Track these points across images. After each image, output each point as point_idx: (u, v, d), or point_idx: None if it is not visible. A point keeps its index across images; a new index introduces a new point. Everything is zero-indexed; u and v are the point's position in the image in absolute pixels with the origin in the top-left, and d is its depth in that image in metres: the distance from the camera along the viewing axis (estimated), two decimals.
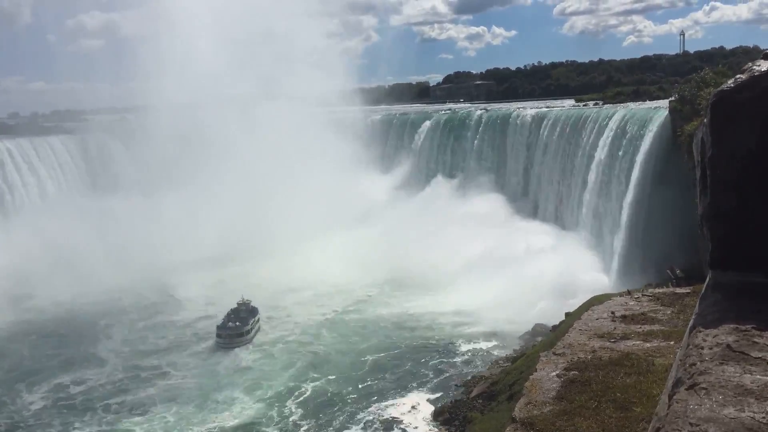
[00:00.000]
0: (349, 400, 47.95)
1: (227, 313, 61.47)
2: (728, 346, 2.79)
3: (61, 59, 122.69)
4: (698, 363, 2.69)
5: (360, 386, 50.28)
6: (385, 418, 44.99)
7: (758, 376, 2.56)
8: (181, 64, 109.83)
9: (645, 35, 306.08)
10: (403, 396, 48.11)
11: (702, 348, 2.82)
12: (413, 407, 45.99)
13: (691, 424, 2.33)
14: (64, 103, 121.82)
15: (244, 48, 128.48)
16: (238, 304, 62.56)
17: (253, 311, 62.46)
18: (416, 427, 43.21)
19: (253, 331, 60.63)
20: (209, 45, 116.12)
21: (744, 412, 2.37)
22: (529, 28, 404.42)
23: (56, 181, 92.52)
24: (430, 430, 42.65)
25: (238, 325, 59.64)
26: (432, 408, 45.25)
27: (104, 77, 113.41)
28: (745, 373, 2.58)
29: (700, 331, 3.00)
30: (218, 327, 59.87)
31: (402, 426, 43.74)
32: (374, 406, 46.92)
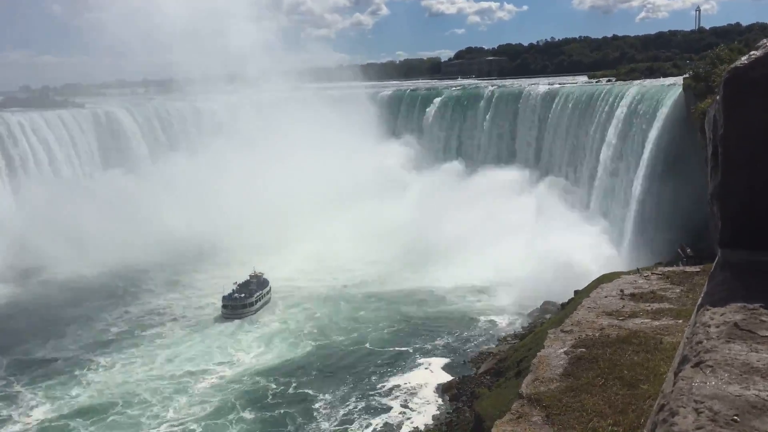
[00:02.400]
0: (355, 374, 48.38)
1: (238, 285, 62.09)
2: (735, 324, 2.79)
3: (69, 32, 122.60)
4: (705, 341, 2.70)
5: (367, 360, 50.72)
6: (392, 392, 45.39)
7: (765, 355, 2.56)
8: (191, 37, 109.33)
9: (660, 10, 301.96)
10: (411, 371, 48.48)
11: (709, 326, 2.82)
12: (421, 382, 46.35)
13: (695, 401, 2.34)
14: (74, 76, 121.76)
15: (257, 23, 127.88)
16: (249, 276, 63.24)
17: (263, 284, 63.09)
18: (424, 402, 43.60)
19: (259, 303, 61.21)
20: (219, 18, 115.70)
21: (749, 390, 2.37)
22: (541, 3, 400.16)
23: (67, 155, 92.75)
24: (437, 404, 43.04)
25: (243, 296, 60.36)
26: (440, 383, 45.59)
27: (112, 51, 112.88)
28: (751, 351, 2.59)
29: (707, 309, 2.99)
30: (223, 297, 60.64)
31: (410, 401, 44.13)
32: (382, 380, 47.33)
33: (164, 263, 73.63)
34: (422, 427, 40.43)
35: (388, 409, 43.41)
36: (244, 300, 60.01)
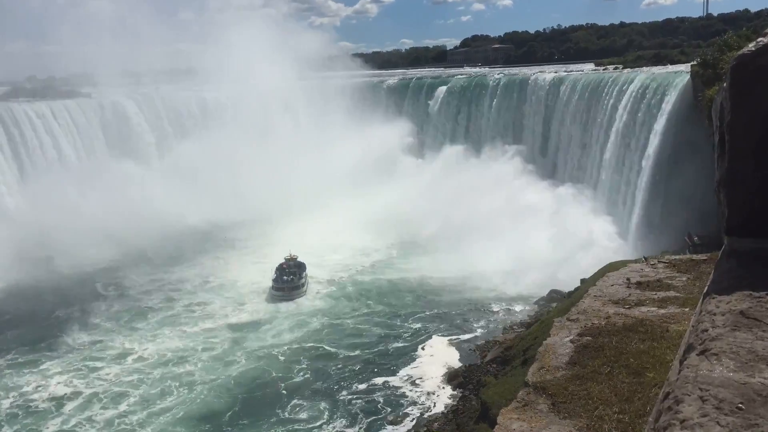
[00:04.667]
0: (362, 362, 48.56)
1: (278, 269, 63.22)
2: (741, 312, 2.79)
3: (72, 22, 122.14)
4: (710, 329, 2.70)
5: (374, 348, 50.90)
6: (398, 380, 45.56)
7: None
8: (188, 26, 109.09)
9: None
10: (416, 358, 48.65)
11: (714, 314, 2.82)
12: (426, 370, 46.50)
13: (700, 389, 2.35)
14: (79, 66, 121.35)
15: (259, 10, 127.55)
16: (285, 259, 64.38)
17: (301, 266, 64.32)
18: (430, 390, 43.75)
19: (306, 284, 62.71)
20: (222, 7, 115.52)
21: (755, 377, 2.37)
22: None
23: (73, 145, 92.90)
24: (444, 393, 43.18)
25: (293, 279, 61.96)
26: (446, 371, 45.73)
27: (115, 41, 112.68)
28: (757, 339, 2.58)
29: (713, 298, 2.99)
30: (274, 281, 62.12)
31: (415, 389, 44.29)
32: (387, 367, 47.51)
33: (172, 251, 74.18)
34: (428, 415, 40.61)
35: (394, 397, 43.58)
36: (295, 282, 61.84)
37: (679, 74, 63.27)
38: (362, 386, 45.15)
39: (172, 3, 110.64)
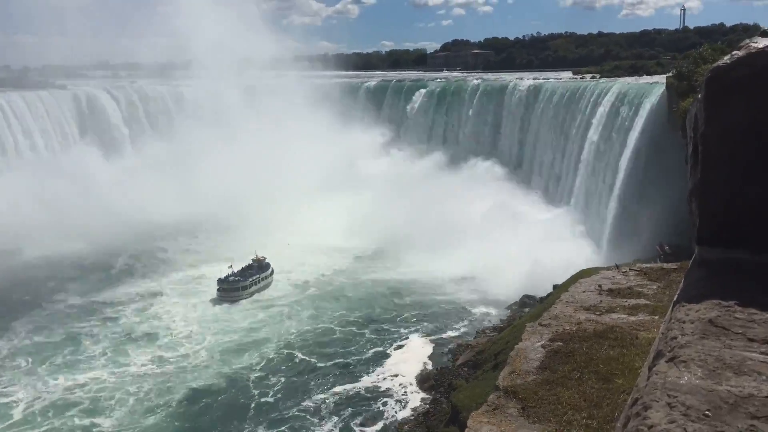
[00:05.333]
0: (331, 364, 48.42)
1: (242, 268, 62.95)
2: (710, 321, 2.82)
3: (48, 12, 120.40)
4: (679, 336, 2.72)
5: (344, 350, 50.79)
6: (369, 383, 45.50)
7: (737, 351, 2.59)
8: (171, 22, 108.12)
9: (645, 7, 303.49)
10: (388, 361, 48.62)
11: (684, 322, 2.85)
12: (398, 373, 46.51)
13: (668, 395, 2.37)
14: (54, 58, 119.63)
15: (240, 8, 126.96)
16: (252, 260, 64.20)
17: (263, 267, 64.05)
18: (401, 393, 43.77)
19: (254, 286, 61.99)
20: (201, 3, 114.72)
21: (722, 385, 2.40)
22: None
23: (47, 137, 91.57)
24: (415, 396, 43.22)
25: (237, 279, 61.20)
26: (418, 374, 45.77)
27: (92, 32, 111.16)
28: (724, 347, 2.62)
29: (683, 306, 3.02)
30: (219, 280, 61.60)
31: (387, 392, 44.27)
32: (358, 370, 47.43)
33: (139, 245, 73.44)
34: (399, 418, 40.61)
35: (365, 399, 43.54)
36: (237, 283, 61.11)
37: (654, 85, 64.16)
38: (333, 389, 45.01)
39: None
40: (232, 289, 60.66)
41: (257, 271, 63.41)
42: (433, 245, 69.26)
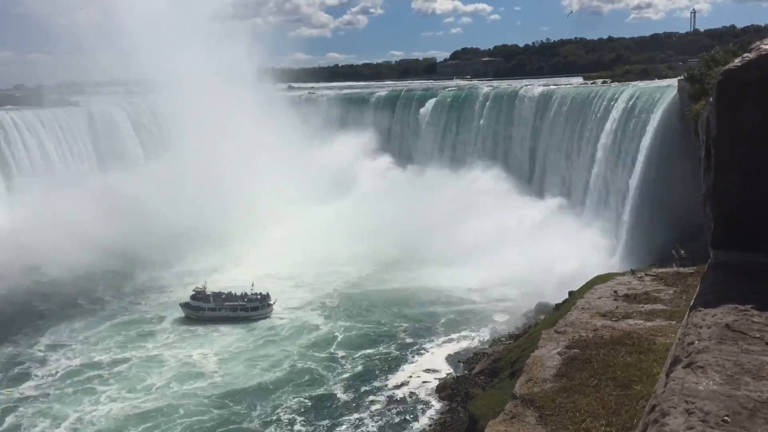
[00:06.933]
0: (349, 375, 48.34)
1: (219, 293, 61.49)
2: (727, 325, 2.80)
3: (59, 31, 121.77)
4: (696, 342, 2.70)
5: (360, 360, 50.68)
6: (385, 393, 45.38)
7: (755, 356, 2.57)
8: (179, 36, 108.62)
9: (656, 11, 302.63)
10: (404, 371, 48.49)
11: (701, 327, 2.83)
12: (416, 383, 46.36)
13: (686, 401, 2.35)
14: (67, 75, 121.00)
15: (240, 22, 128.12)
16: (195, 290, 62.05)
17: (251, 300, 61.10)
18: (418, 403, 43.62)
19: (219, 313, 60.09)
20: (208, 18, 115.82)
21: (740, 390, 2.38)
22: (534, 3, 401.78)
23: (62, 154, 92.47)
24: (432, 405, 43.05)
25: (198, 306, 60.11)
26: (434, 383, 45.61)
27: (103, 50, 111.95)
28: (742, 352, 2.59)
29: (699, 311, 3.00)
30: (190, 297, 61.07)
31: (403, 401, 44.14)
32: (375, 381, 47.32)
33: (159, 255, 74.01)
34: (416, 427, 40.45)
35: (382, 409, 43.40)
36: (198, 310, 60.00)
37: (666, 89, 63.86)
38: (349, 398, 44.94)
39: (161, 13, 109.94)
40: (191, 308, 60.07)
41: (239, 299, 60.57)
42: (446, 255, 69.07)
